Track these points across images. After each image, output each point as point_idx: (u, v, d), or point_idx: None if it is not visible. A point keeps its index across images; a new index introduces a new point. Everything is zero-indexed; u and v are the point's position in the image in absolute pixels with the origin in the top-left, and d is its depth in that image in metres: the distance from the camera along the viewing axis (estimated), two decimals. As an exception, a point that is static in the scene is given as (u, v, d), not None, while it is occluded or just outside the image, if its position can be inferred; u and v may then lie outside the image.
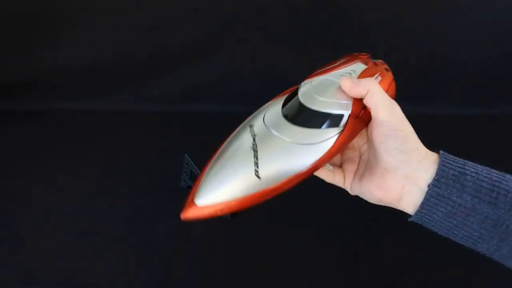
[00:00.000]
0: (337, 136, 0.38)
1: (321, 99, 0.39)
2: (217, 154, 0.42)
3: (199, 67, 1.07)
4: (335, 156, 0.39)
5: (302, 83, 0.42)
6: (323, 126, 0.39)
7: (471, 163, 0.37)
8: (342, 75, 0.41)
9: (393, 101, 0.39)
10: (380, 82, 0.42)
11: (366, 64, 0.45)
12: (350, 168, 0.44)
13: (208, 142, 0.96)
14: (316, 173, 0.43)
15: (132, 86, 1.10)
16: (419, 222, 0.38)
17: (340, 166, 0.46)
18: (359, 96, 0.39)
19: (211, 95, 1.09)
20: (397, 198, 0.38)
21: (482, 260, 0.40)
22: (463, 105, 1.07)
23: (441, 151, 0.38)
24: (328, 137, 0.38)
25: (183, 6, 1.00)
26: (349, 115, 0.39)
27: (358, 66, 0.44)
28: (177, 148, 0.91)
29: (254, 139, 0.39)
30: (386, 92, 0.40)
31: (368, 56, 0.46)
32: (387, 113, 0.37)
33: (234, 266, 0.66)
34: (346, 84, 0.39)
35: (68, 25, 1.03)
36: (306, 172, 0.37)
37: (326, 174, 0.44)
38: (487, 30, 0.98)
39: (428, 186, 0.36)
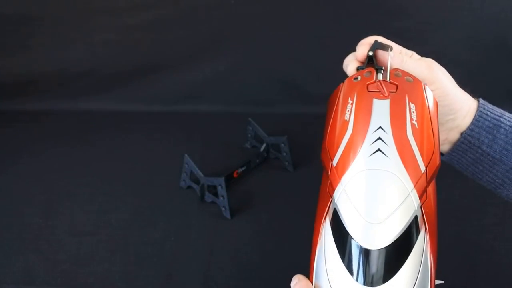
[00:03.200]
0: (427, 244, 0.28)
1: (379, 221, 0.27)
2: None
3: (199, 67, 1.07)
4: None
5: (336, 198, 0.30)
6: (409, 254, 0.27)
7: (508, 115, 0.38)
8: (373, 152, 0.29)
9: (429, 62, 0.37)
10: (418, 112, 0.31)
11: (383, 94, 0.32)
12: None
13: (209, 142, 0.97)
14: None
15: (132, 86, 1.10)
16: (449, 162, 0.40)
17: None
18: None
19: (211, 95, 1.09)
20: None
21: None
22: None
23: (481, 100, 0.39)
24: (420, 259, 0.28)
25: (183, 6, 1.00)
26: (421, 207, 0.28)
27: (380, 112, 0.31)
28: (177, 148, 0.91)
29: None
30: (429, 113, 0.32)
31: (374, 73, 0.34)
32: (429, 82, 0.36)
33: (234, 266, 0.66)
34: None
35: (68, 25, 1.03)
36: None
37: None
38: (487, 30, 0.98)
39: (461, 134, 0.38)
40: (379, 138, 0.30)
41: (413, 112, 0.31)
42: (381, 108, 0.31)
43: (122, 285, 0.63)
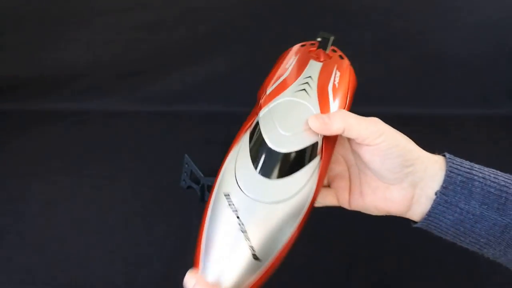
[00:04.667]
0: (318, 167, 0.36)
1: (289, 134, 0.35)
2: (205, 237, 0.38)
3: (198, 67, 1.07)
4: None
5: (260, 114, 0.37)
6: (303, 166, 0.35)
7: (477, 166, 0.35)
8: (299, 90, 0.38)
9: (373, 120, 0.35)
10: (340, 78, 0.40)
11: (319, 59, 0.42)
12: (342, 185, 0.41)
13: (208, 142, 0.96)
14: None
15: (132, 86, 1.10)
16: (425, 228, 0.37)
17: (329, 185, 0.42)
18: (334, 134, 0.35)
19: (211, 95, 1.09)
20: (405, 209, 0.37)
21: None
22: (463, 105, 1.07)
23: (447, 155, 0.36)
24: (310, 175, 0.35)
25: (183, 6, 1.00)
26: (323, 137, 0.36)
27: (313, 68, 0.40)
28: (177, 148, 0.91)
29: (238, 217, 0.34)
30: (348, 83, 0.41)
31: (316, 45, 0.44)
32: (375, 137, 0.34)
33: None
34: (316, 127, 0.35)
35: (68, 25, 1.03)
36: (300, 224, 0.35)
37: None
38: (487, 30, 0.98)
39: (436, 193, 0.34)
40: (307, 82, 0.38)
41: (337, 77, 0.40)
42: (314, 66, 0.41)
43: (122, 285, 0.63)
